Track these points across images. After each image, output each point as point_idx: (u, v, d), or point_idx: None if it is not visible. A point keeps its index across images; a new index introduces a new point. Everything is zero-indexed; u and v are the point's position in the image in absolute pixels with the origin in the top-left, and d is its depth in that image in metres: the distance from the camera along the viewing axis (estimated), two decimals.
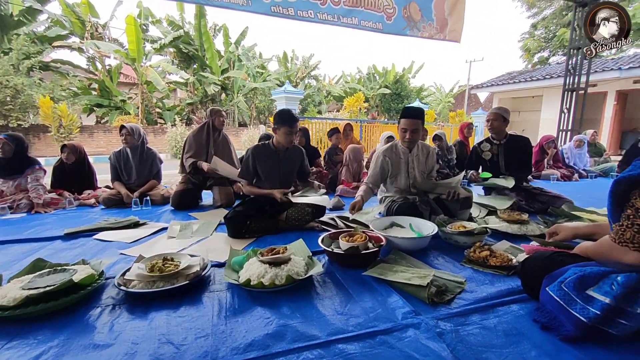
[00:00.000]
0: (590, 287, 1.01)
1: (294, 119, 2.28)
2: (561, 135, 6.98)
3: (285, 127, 2.26)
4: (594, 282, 1.02)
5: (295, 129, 2.30)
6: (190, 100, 15.18)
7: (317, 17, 3.72)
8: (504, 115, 2.84)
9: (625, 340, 1.01)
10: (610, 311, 0.96)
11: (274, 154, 2.38)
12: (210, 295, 1.37)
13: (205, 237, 2.19)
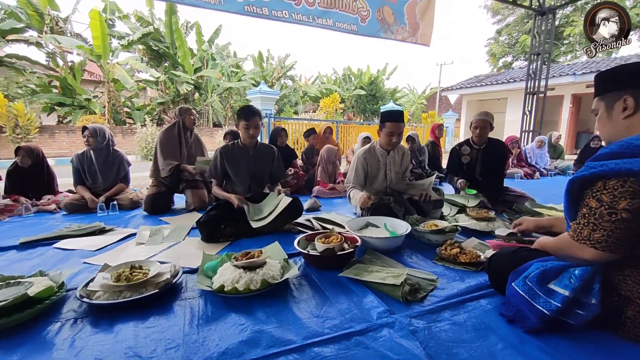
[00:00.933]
0: (552, 281, 1.07)
1: (250, 112, 2.24)
2: (524, 135, 7.39)
3: (241, 121, 2.24)
4: (555, 276, 1.08)
5: (252, 122, 2.25)
6: (161, 99, 14.62)
7: (291, 17, 3.70)
8: (491, 122, 2.86)
9: (581, 329, 1.08)
10: (569, 303, 1.03)
11: (243, 153, 2.35)
12: (182, 303, 1.32)
13: (177, 242, 2.11)
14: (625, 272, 1.02)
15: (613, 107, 1.08)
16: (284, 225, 2.29)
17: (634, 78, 1.04)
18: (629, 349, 1.01)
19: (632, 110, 1.03)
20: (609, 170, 0.93)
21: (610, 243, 0.95)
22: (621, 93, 1.06)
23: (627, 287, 1.01)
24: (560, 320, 1.06)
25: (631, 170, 0.89)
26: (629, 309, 1.01)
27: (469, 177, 3.02)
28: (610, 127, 1.10)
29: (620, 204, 0.92)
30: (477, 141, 2.95)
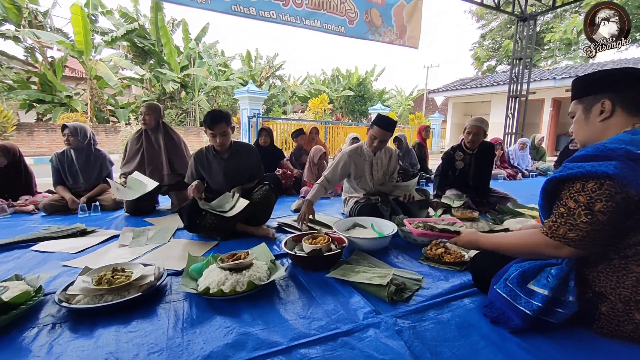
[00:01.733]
0: (531, 281, 1.11)
1: (214, 119, 2.11)
2: (507, 137, 7.60)
3: (207, 129, 2.15)
4: (533, 276, 1.11)
5: (218, 130, 2.12)
6: (146, 97, 14.31)
7: (279, 17, 3.69)
8: (485, 129, 2.89)
9: (560, 327, 1.12)
10: (549, 302, 1.06)
11: (217, 158, 2.28)
12: (166, 306, 1.30)
13: (162, 243, 2.07)
14: (598, 268, 1.06)
15: (591, 110, 1.12)
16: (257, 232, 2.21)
17: (612, 82, 1.08)
18: (603, 344, 1.05)
19: (609, 114, 1.07)
20: (586, 172, 0.95)
21: (584, 242, 0.99)
22: (599, 97, 1.09)
23: (601, 283, 1.05)
24: (542, 320, 1.08)
25: (607, 173, 0.92)
26: (602, 305, 1.05)
27: (462, 182, 3.03)
28: (587, 130, 1.14)
29: (597, 206, 0.94)
30: (470, 146, 2.95)
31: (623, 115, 1.05)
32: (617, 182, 0.91)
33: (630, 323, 1.01)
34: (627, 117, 1.05)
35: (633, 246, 0.98)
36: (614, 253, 1.02)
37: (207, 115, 2.15)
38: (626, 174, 0.90)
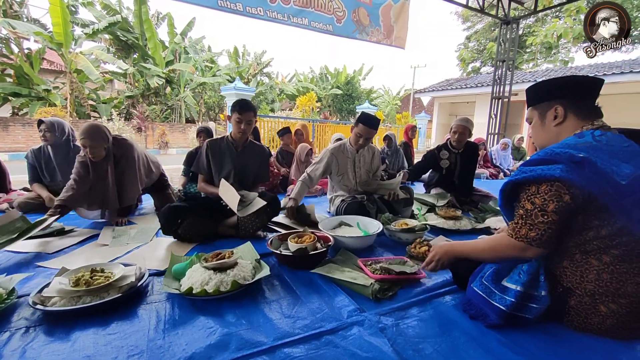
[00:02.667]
0: (504, 278, 1.16)
1: (245, 106, 2.15)
2: (490, 138, 7.78)
3: (234, 113, 2.16)
4: (507, 273, 1.16)
5: (245, 117, 2.15)
6: (129, 92, 13.93)
7: (266, 14, 3.66)
8: (470, 129, 2.96)
9: (535, 321, 1.16)
10: (522, 297, 1.10)
11: (231, 149, 2.27)
12: (147, 307, 1.27)
13: (144, 243, 2.02)
14: (563, 264, 1.11)
15: (545, 115, 1.20)
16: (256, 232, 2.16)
17: (563, 89, 1.17)
18: (573, 336, 1.11)
19: (562, 118, 1.16)
20: (537, 176, 1.03)
21: (544, 241, 1.05)
22: (552, 103, 1.18)
23: (567, 278, 1.10)
24: (518, 316, 1.12)
25: (554, 176, 1.00)
26: (571, 299, 1.10)
27: (447, 181, 3.09)
28: (544, 134, 1.22)
29: (550, 206, 1.02)
30: (456, 145, 3.02)
31: (574, 119, 1.14)
32: (564, 184, 1.00)
33: (597, 315, 1.06)
34: (578, 121, 1.13)
35: (590, 242, 1.04)
36: (575, 249, 1.07)
37: (237, 101, 2.18)
38: (571, 176, 0.98)
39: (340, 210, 2.43)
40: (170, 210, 2.01)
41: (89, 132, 2.17)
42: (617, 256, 1.02)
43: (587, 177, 0.98)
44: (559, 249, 1.11)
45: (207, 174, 2.28)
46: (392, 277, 1.47)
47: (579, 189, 0.99)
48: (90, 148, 2.18)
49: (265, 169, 2.42)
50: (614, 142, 1.05)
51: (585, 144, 1.04)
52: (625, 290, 1.02)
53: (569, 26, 15.06)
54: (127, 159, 2.42)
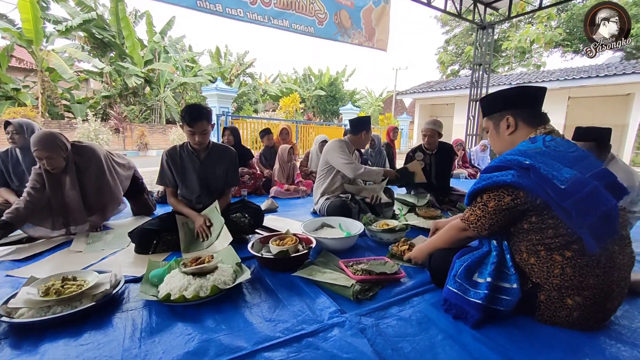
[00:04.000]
0: (474, 274, 1.22)
1: (195, 116, 1.91)
2: (468, 139, 8.02)
3: (185, 125, 1.95)
4: (476, 269, 1.23)
5: (198, 128, 1.93)
6: (106, 92, 13.48)
7: (246, 16, 3.63)
8: (439, 130, 3.10)
9: (507, 317, 1.21)
10: (493, 289, 1.15)
11: (192, 158, 2.10)
12: (123, 315, 1.23)
13: (121, 249, 1.96)
14: (531, 261, 1.17)
15: (499, 125, 1.31)
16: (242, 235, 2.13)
17: (511, 101, 1.28)
18: (542, 329, 1.16)
19: (514, 128, 1.27)
20: (493, 183, 1.16)
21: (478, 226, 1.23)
22: (503, 113, 1.29)
23: (536, 274, 1.16)
24: (493, 308, 1.17)
25: (506, 182, 1.12)
26: (541, 294, 1.16)
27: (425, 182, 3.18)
28: (500, 142, 1.33)
29: (490, 204, 1.17)
30: (428, 147, 3.17)
31: (525, 127, 1.25)
32: (513, 187, 1.12)
33: (565, 308, 1.13)
34: (529, 128, 1.25)
35: (552, 239, 1.11)
36: (540, 246, 1.14)
37: (186, 110, 1.93)
38: (520, 180, 1.09)
39: (324, 208, 2.47)
40: (142, 233, 1.88)
41: (43, 142, 1.93)
42: (577, 250, 1.08)
43: (533, 182, 1.08)
44: (528, 248, 1.17)
45: (174, 186, 2.13)
46: (372, 277, 1.49)
47: (526, 192, 1.10)
48: (47, 160, 1.95)
49: (234, 172, 2.23)
50: (562, 147, 1.14)
51: (536, 149, 1.14)
52: (587, 282, 1.08)
53: (540, 32, 15.76)
54: (92, 166, 2.19)
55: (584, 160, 1.13)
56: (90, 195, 2.19)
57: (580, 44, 17.54)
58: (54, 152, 1.98)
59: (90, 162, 2.19)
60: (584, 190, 1.03)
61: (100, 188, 2.23)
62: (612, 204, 1.05)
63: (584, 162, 1.12)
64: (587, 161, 1.13)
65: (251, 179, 3.83)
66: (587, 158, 1.15)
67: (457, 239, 1.37)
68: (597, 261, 1.07)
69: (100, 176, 2.23)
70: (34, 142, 1.95)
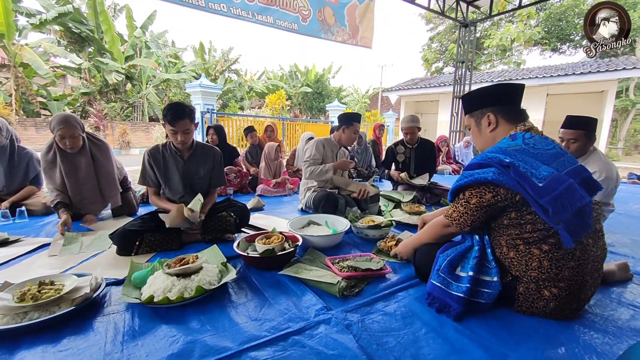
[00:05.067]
0: (457, 268, 1.25)
1: (176, 115, 1.86)
2: (452, 135, 8.17)
3: (166, 125, 1.91)
4: (458, 263, 1.27)
5: (180, 127, 1.89)
6: (85, 89, 13.02)
7: (230, 11, 3.57)
8: (418, 126, 3.27)
9: (487, 309, 1.25)
10: (474, 282, 1.19)
11: (175, 158, 2.05)
12: (104, 319, 1.20)
13: (102, 250, 1.91)
14: (510, 255, 1.21)
15: (480, 122, 1.34)
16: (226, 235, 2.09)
17: (491, 98, 1.31)
18: (521, 320, 1.21)
19: (495, 125, 1.30)
20: (475, 180, 1.18)
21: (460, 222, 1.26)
22: (484, 111, 1.32)
23: (515, 268, 1.20)
24: (474, 301, 1.21)
25: (487, 179, 1.14)
26: (519, 286, 1.21)
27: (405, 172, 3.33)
28: (481, 139, 1.36)
29: (472, 201, 1.21)
30: (410, 142, 3.34)
31: (505, 124, 1.29)
32: (494, 184, 1.15)
33: (542, 300, 1.17)
34: (509, 125, 1.28)
35: (530, 234, 1.15)
36: (519, 241, 1.18)
37: (168, 108, 1.88)
38: (501, 178, 1.12)
39: (310, 200, 2.50)
40: (124, 234, 1.82)
41: (68, 121, 2.19)
42: (553, 244, 1.13)
43: (513, 179, 1.11)
44: (507, 242, 1.20)
45: (157, 186, 2.08)
46: (358, 274, 1.51)
47: (506, 189, 1.14)
48: (70, 139, 2.19)
49: (219, 173, 2.19)
50: (540, 145, 1.18)
51: (516, 147, 1.17)
52: (563, 274, 1.12)
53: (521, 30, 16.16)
54: (106, 158, 2.44)
55: (561, 157, 1.17)
56: (101, 182, 2.40)
57: (558, 43, 18.11)
58: (77, 131, 2.23)
59: (105, 154, 2.44)
60: (560, 188, 1.06)
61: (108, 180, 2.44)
62: (586, 200, 1.08)
63: (560, 159, 1.16)
64: (564, 158, 1.18)
65: (237, 178, 3.79)
66: (563, 155, 1.19)
67: (441, 235, 1.40)
68: (572, 254, 1.12)
69: (110, 168, 2.46)
70: (58, 121, 2.17)
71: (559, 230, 1.08)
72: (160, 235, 1.91)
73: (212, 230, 2.03)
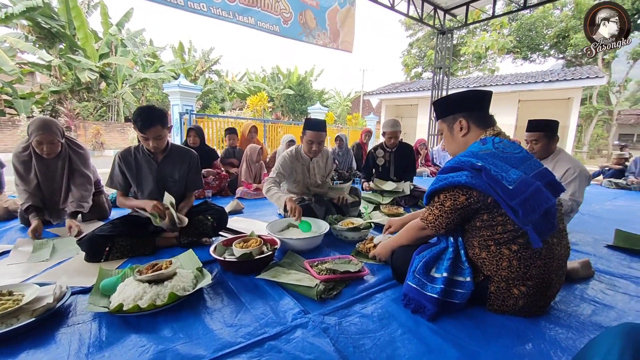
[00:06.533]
0: (432, 269, 1.28)
1: (146, 122, 1.77)
2: (431, 139, 8.39)
3: (137, 131, 1.83)
4: (433, 265, 1.29)
5: (150, 134, 1.80)
6: (55, 87, 12.39)
7: (210, 11, 3.50)
8: (399, 129, 3.33)
9: (461, 309, 1.28)
10: (448, 283, 1.22)
11: (149, 161, 1.96)
12: (68, 330, 1.14)
13: (69, 257, 1.81)
14: (482, 255, 1.25)
15: (453, 127, 1.38)
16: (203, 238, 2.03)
17: (462, 104, 1.35)
18: (493, 318, 1.25)
19: (467, 130, 1.34)
20: (449, 184, 1.21)
21: (436, 225, 1.28)
22: (456, 116, 1.36)
23: (487, 267, 1.24)
24: (448, 302, 1.23)
25: (460, 183, 1.18)
26: (491, 285, 1.25)
27: (385, 178, 3.35)
28: (454, 144, 1.40)
29: (447, 203, 1.24)
30: (390, 146, 3.37)
31: (476, 129, 1.33)
32: (467, 187, 1.18)
33: (512, 298, 1.22)
34: (479, 130, 1.32)
35: (501, 234, 1.19)
36: (490, 241, 1.22)
37: (137, 113, 1.79)
38: (473, 181, 1.16)
39: None
40: (93, 240, 1.73)
41: (47, 127, 2.06)
42: (522, 244, 1.17)
43: (484, 182, 1.15)
44: (480, 243, 1.24)
45: (124, 189, 1.99)
46: (336, 276, 1.51)
47: (479, 192, 1.17)
48: (48, 145, 2.08)
49: (195, 176, 2.11)
50: (509, 149, 1.23)
51: (487, 151, 1.21)
52: (531, 273, 1.17)
53: (494, 39, 16.87)
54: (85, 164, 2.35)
55: (528, 160, 1.23)
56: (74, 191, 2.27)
57: (529, 52, 19.03)
58: (56, 137, 2.10)
59: (85, 162, 2.35)
60: (529, 190, 1.11)
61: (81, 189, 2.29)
62: (552, 202, 1.14)
63: (527, 162, 1.22)
64: (530, 162, 1.23)
65: (216, 180, 3.72)
66: (530, 159, 1.24)
67: (417, 237, 1.43)
68: (538, 253, 1.17)
69: (86, 178, 2.34)
70: (36, 127, 2.03)
71: (528, 230, 1.12)
72: (132, 240, 1.83)
73: (188, 234, 1.97)
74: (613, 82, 17.46)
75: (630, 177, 5.32)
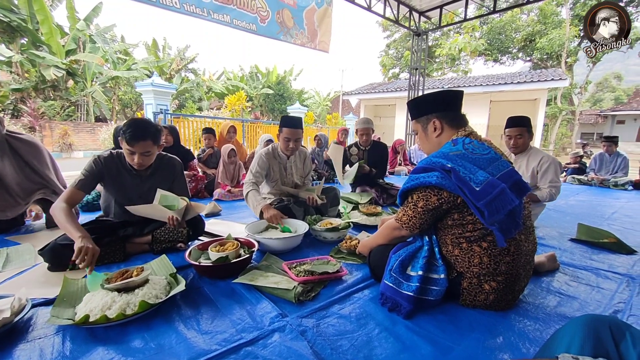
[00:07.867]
0: (407, 268, 1.31)
1: (137, 134, 1.65)
2: (408, 138, 8.57)
3: (123, 142, 1.69)
4: (409, 263, 1.32)
5: (139, 149, 1.67)
6: (17, 85, 11.64)
7: (183, 8, 3.40)
8: (372, 128, 3.42)
9: (437, 305, 1.31)
10: (424, 281, 1.25)
11: (131, 172, 1.84)
12: (27, 346, 1.06)
13: (28, 267, 1.70)
14: (455, 253, 1.29)
15: (427, 128, 1.41)
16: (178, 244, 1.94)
17: (435, 104, 1.38)
18: (465, 313, 1.29)
19: (440, 130, 1.37)
20: (420, 184, 1.24)
21: (410, 225, 1.30)
22: (430, 117, 1.39)
23: (459, 264, 1.28)
24: (423, 299, 1.26)
25: (431, 183, 1.21)
26: (464, 281, 1.29)
27: (360, 175, 3.38)
28: (428, 144, 1.43)
29: (419, 204, 1.26)
30: (363, 144, 3.44)
31: (449, 129, 1.36)
32: (438, 188, 1.21)
33: (483, 293, 1.26)
34: (452, 130, 1.36)
35: (471, 232, 1.24)
36: (462, 239, 1.26)
37: (129, 124, 1.66)
38: (443, 182, 1.19)
39: None
40: (56, 249, 1.61)
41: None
42: (491, 242, 1.22)
43: (454, 183, 1.19)
44: (452, 241, 1.28)
45: (84, 192, 1.75)
46: (314, 278, 1.51)
47: (449, 193, 1.21)
48: None
49: (181, 184, 2.02)
50: (478, 150, 1.27)
51: (457, 152, 1.25)
52: (500, 269, 1.22)
53: (467, 41, 17.49)
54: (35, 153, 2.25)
55: (495, 162, 1.27)
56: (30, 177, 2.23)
57: (499, 54, 19.86)
58: None
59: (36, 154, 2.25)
60: (494, 192, 1.15)
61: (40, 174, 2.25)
62: (516, 203, 1.19)
63: (494, 163, 1.26)
64: (498, 163, 1.27)
65: (192, 182, 3.62)
66: (497, 160, 1.28)
67: (393, 237, 1.45)
68: (507, 250, 1.22)
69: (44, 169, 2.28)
70: None
71: (493, 230, 1.17)
72: (101, 247, 1.73)
73: (161, 241, 1.89)
74: (575, 84, 18.58)
75: (591, 173, 5.67)
